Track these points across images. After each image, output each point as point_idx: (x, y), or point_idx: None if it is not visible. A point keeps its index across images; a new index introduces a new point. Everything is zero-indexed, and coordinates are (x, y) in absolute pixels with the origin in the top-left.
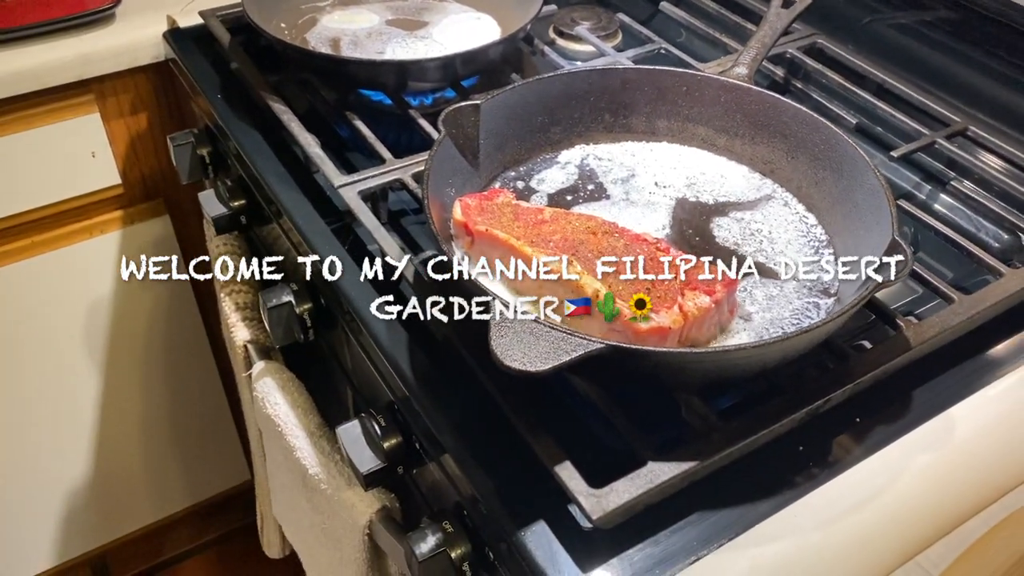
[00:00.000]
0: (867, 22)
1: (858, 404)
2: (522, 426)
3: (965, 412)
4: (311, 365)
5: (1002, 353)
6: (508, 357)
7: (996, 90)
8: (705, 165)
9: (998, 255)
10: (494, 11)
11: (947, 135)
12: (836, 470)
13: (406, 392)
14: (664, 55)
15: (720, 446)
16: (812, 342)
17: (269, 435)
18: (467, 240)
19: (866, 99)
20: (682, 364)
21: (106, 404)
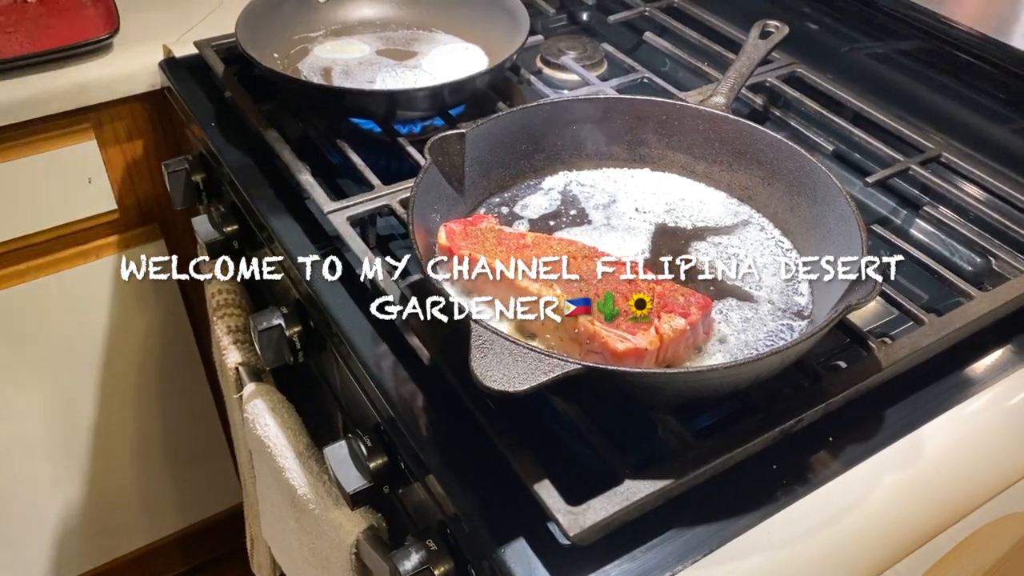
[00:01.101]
0: (845, 51)
1: (831, 423)
2: (503, 445)
3: (935, 432)
4: (302, 387)
5: (971, 374)
6: (488, 378)
7: (969, 117)
8: (684, 191)
9: (971, 278)
10: (482, 42)
11: (921, 161)
12: (809, 487)
13: (391, 413)
14: (647, 84)
15: (695, 464)
16: (783, 363)
17: (259, 456)
18: (452, 264)
19: (843, 126)
20: (656, 384)
21: (100, 426)
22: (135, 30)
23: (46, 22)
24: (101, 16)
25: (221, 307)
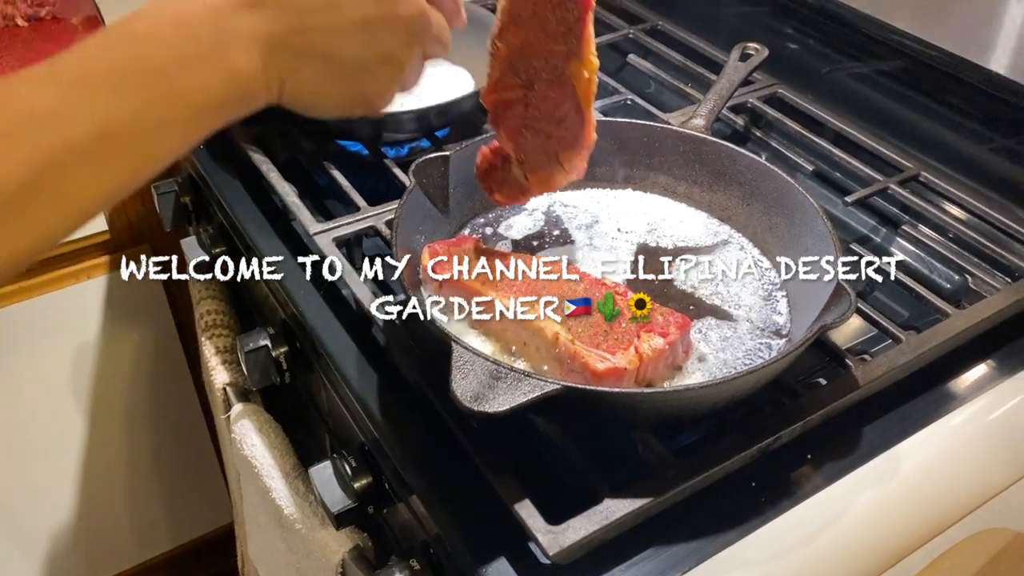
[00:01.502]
0: (826, 72)
1: (809, 441)
2: (484, 465)
3: (912, 448)
4: (290, 407)
5: (949, 391)
6: (468, 399)
7: (948, 137)
8: (665, 211)
9: (949, 296)
10: (469, 64)
11: (900, 181)
12: (787, 505)
13: (375, 433)
14: (631, 105)
15: (674, 482)
16: (759, 382)
17: (246, 476)
18: (435, 285)
19: (823, 146)
20: (634, 404)
21: (91, 447)
22: None
23: (38, 46)
24: None
25: (210, 327)
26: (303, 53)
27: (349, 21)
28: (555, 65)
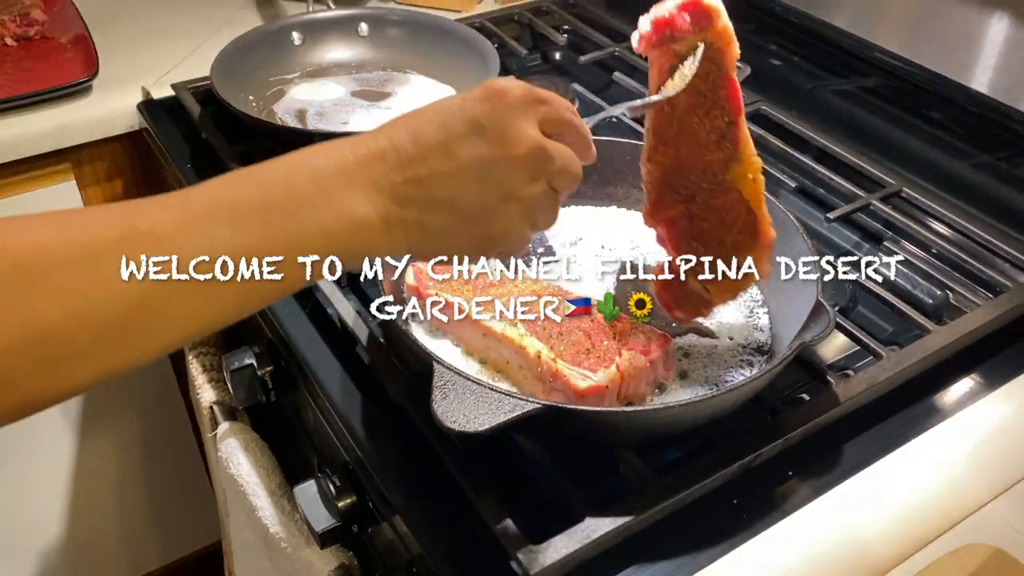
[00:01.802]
0: (810, 88)
1: (791, 457)
2: (465, 484)
3: (892, 465)
4: (277, 425)
5: (929, 407)
6: (448, 419)
7: (930, 153)
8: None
9: (931, 311)
10: (455, 82)
11: (882, 197)
12: (768, 522)
13: (359, 453)
14: (616, 123)
15: (655, 500)
16: (739, 400)
17: (233, 495)
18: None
19: (806, 163)
20: (614, 422)
21: (80, 465)
22: (114, 72)
23: (27, 66)
24: (81, 59)
25: (197, 346)
26: (424, 201)
27: (465, 165)
28: (714, 173)
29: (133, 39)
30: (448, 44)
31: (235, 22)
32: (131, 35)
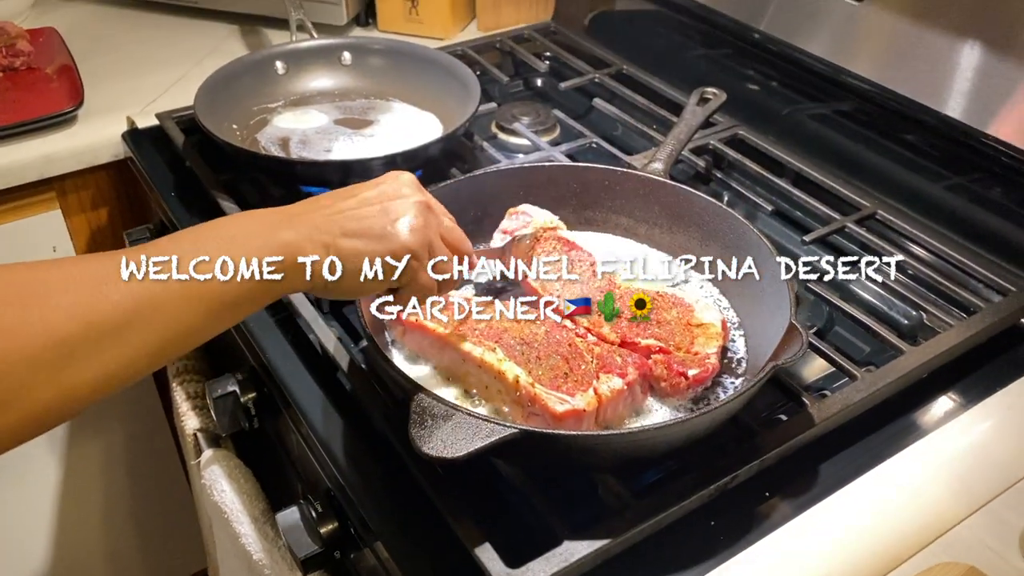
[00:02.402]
0: (787, 113)
1: (767, 478)
2: (444, 509)
3: (867, 484)
4: (261, 452)
5: (905, 426)
6: (426, 445)
7: (904, 176)
8: (628, 252)
9: (907, 332)
10: (436, 110)
11: (857, 219)
12: (745, 543)
13: (340, 479)
14: (595, 148)
15: (633, 523)
16: (713, 423)
17: (217, 522)
18: (399, 329)
19: (783, 186)
20: (591, 446)
21: (66, 492)
22: (99, 102)
23: (13, 96)
24: (66, 90)
25: (181, 373)
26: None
27: (363, 199)
28: None
29: (118, 69)
30: (430, 72)
31: (219, 52)
32: (116, 65)
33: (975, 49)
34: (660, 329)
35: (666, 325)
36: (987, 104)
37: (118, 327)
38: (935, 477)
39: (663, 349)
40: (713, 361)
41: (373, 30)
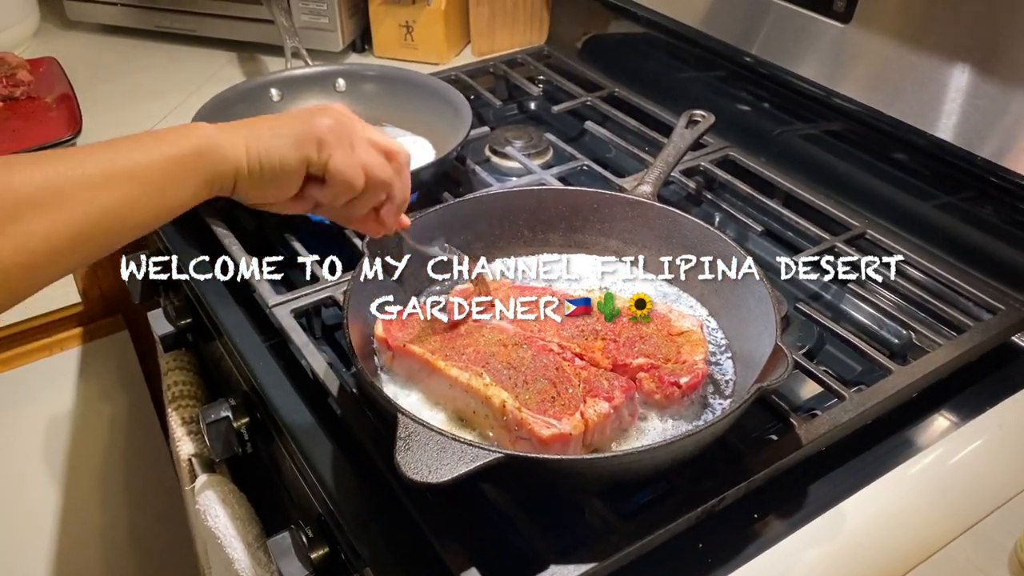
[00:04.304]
0: (777, 134)
1: (755, 500)
2: (431, 534)
3: (856, 505)
4: (256, 477)
5: (893, 447)
6: (411, 470)
7: (893, 195)
8: (617, 274)
9: (897, 351)
10: (429, 134)
11: (847, 239)
12: (733, 565)
13: (330, 505)
14: (586, 171)
15: (619, 546)
16: (698, 445)
17: (211, 547)
18: (388, 355)
19: (773, 207)
20: (576, 470)
21: (65, 519)
22: (97, 130)
23: (13, 125)
24: (64, 118)
25: (176, 398)
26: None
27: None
28: None
29: (117, 97)
30: (422, 97)
31: (217, 79)
32: (116, 93)
33: (962, 70)
34: (645, 345)
35: (650, 340)
36: (974, 124)
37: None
38: (924, 497)
39: (654, 366)
40: (702, 366)
41: (369, 56)
